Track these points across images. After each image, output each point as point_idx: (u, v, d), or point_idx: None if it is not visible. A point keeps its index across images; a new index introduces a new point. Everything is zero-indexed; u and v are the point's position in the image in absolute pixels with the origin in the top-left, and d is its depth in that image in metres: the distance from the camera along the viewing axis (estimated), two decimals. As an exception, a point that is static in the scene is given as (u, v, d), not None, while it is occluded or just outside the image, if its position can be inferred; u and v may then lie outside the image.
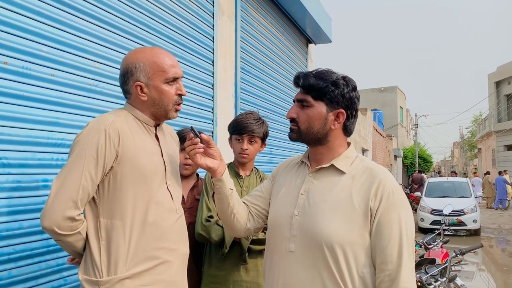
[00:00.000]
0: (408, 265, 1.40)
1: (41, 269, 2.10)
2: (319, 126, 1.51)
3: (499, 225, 14.04)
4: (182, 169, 2.39)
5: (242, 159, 2.35)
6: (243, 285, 2.28)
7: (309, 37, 6.91)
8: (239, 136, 2.32)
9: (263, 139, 2.39)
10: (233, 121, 2.39)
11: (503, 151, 28.72)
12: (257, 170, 2.50)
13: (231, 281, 2.27)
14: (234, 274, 2.28)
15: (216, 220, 2.22)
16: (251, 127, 2.30)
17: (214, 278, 2.28)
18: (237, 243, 2.27)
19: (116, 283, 1.54)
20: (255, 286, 2.29)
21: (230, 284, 2.27)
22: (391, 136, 27.12)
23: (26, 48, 2.07)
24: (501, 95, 29.86)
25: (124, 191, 1.59)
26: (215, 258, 2.29)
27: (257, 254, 2.33)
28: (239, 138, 2.33)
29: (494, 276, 7.72)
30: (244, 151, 2.31)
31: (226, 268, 2.28)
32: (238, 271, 2.28)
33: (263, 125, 2.37)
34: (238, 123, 2.33)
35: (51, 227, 1.50)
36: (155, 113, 1.70)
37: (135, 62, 1.65)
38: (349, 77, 1.56)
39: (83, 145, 1.55)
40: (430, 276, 3.62)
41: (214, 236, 2.19)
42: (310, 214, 1.48)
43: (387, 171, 1.52)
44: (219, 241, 2.21)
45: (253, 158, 2.40)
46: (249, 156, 2.34)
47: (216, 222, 2.22)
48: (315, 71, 1.55)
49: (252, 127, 2.30)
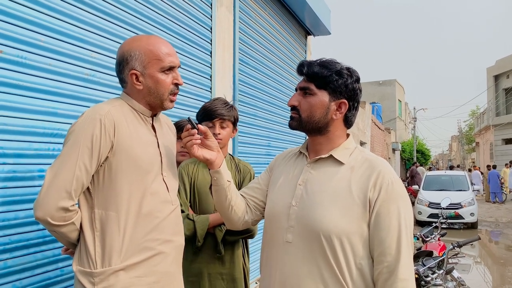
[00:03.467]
0: (407, 257, 1.39)
1: (37, 259, 2.09)
2: (321, 115, 1.50)
3: (496, 218, 14.10)
4: (179, 156, 2.36)
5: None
6: (218, 277, 2.25)
7: (308, 29, 6.87)
8: (210, 122, 2.27)
9: (234, 123, 2.35)
10: (201, 108, 2.33)
11: (501, 145, 28.76)
12: (232, 157, 2.45)
13: (206, 274, 2.25)
14: (210, 266, 2.25)
15: (186, 214, 2.19)
16: (220, 111, 2.26)
17: (190, 271, 2.24)
18: (211, 235, 2.24)
19: (110, 274, 1.53)
20: (231, 278, 2.27)
21: (206, 276, 2.25)
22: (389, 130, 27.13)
23: (22, 37, 2.04)
24: (499, 89, 29.86)
25: (119, 182, 1.57)
26: (190, 252, 2.23)
27: (232, 245, 2.30)
28: (210, 123, 2.27)
29: (491, 269, 7.76)
30: (217, 136, 2.24)
31: (202, 260, 2.25)
32: (213, 263, 2.25)
33: (232, 109, 2.33)
34: (207, 109, 2.28)
35: (44, 217, 1.48)
36: (151, 103, 1.67)
37: (130, 50, 1.63)
38: (353, 68, 1.55)
39: (77, 135, 1.53)
40: (428, 269, 3.63)
41: (185, 231, 2.08)
42: (308, 204, 1.47)
43: (386, 163, 1.52)
44: (191, 235, 2.17)
45: (226, 143, 2.34)
46: (222, 141, 2.27)
47: (187, 216, 2.18)
48: (319, 60, 1.54)
49: (222, 111, 2.26)
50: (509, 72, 28.20)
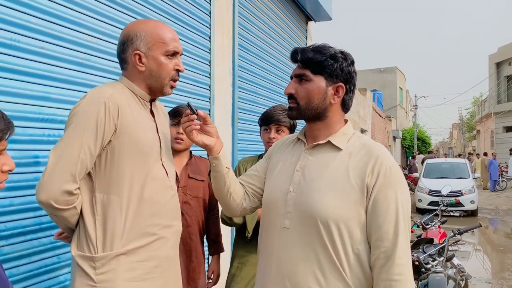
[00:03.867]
0: (404, 242, 1.39)
1: (33, 246, 2.07)
2: (319, 100, 1.49)
3: (496, 206, 14.12)
4: (174, 143, 2.33)
5: None
6: None
7: (309, 14, 6.78)
8: (267, 127, 2.42)
9: (291, 129, 2.45)
10: (262, 113, 2.50)
11: (502, 133, 28.73)
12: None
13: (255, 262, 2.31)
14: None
15: None
16: (277, 117, 2.38)
17: (242, 258, 2.40)
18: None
19: (112, 259, 1.52)
20: None
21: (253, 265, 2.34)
22: (390, 117, 27.07)
23: (14, 19, 1.99)
24: (501, 76, 29.70)
25: (122, 166, 1.56)
26: (241, 241, 2.41)
27: None
28: (267, 128, 2.43)
29: (490, 256, 7.78)
30: (271, 140, 2.36)
31: (251, 249, 2.34)
32: None
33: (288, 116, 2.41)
34: (266, 115, 2.44)
35: (48, 200, 1.46)
36: (151, 86, 1.66)
37: (136, 31, 1.62)
38: (347, 51, 1.54)
39: (81, 117, 1.50)
40: (428, 256, 3.61)
41: (236, 220, 2.32)
42: (306, 190, 1.46)
43: (384, 148, 1.51)
44: (242, 224, 2.33)
45: None
46: None
47: None
48: (311, 46, 1.53)
49: (279, 117, 2.38)
50: (511, 59, 28.02)
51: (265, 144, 2.44)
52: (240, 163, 2.50)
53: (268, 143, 2.38)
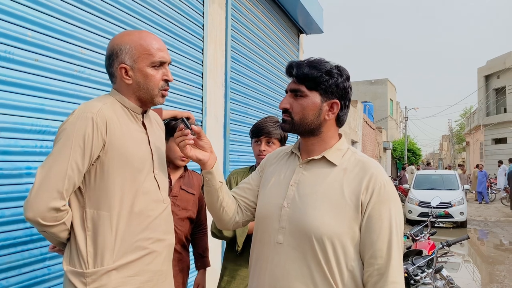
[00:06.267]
0: (397, 260, 1.39)
1: (24, 258, 2.07)
2: (313, 116, 1.48)
3: (485, 217, 14.23)
4: (179, 161, 2.38)
5: (261, 161, 2.35)
6: None
7: (301, 27, 6.87)
8: (257, 139, 2.42)
9: (282, 141, 2.45)
10: (253, 125, 2.49)
11: (491, 145, 29.02)
12: None
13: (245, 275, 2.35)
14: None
15: None
16: (268, 129, 2.38)
17: (232, 271, 2.39)
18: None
19: (103, 275, 1.51)
20: None
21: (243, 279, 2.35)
22: (381, 129, 27.26)
23: (9, 32, 2.01)
24: (490, 89, 30.10)
25: (111, 181, 1.55)
26: (232, 255, 2.40)
27: None
28: (257, 140, 2.42)
29: (479, 268, 7.83)
30: (262, 152, 2.37)
31: (242, 263, 2.35)
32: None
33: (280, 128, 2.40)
34: (256, 127, 2.43)
35: (35, 218, 1.45)
36: (141, 98, 1.65)
37: (121, 44, 1.61)
38: (342, 66, 1.53)
39: (69, 133, 1.49)
40: (417, 267, 3.65)
41: (226, 234, 2.30)
42: (300, 206, 1.46)
43: (379, 165, 1.50)
44: (232, 237, 2.32)
45: None
46: None
47: None
48: (307, 60, 1.51)
49: (269, 129, 2.38)
50: (499, 72, 28.42)
51: (256, 156, 2.44)
52: (231, 175, 2.50)
53: (259, 155, 2.38)
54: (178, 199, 2.39)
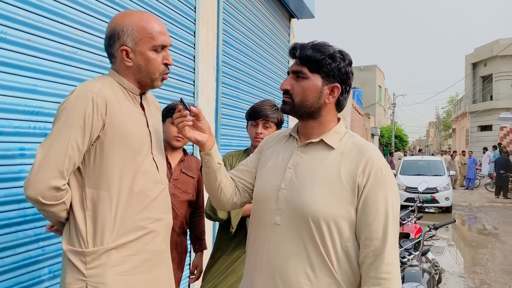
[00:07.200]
0: (393, 242, 1.41)
1: (18, 238, 2.07)
2: (314, 99, 1.49)
3: (469, 203, 14.53)
4: (174, 141, 2.40)
5: (257, 143, 2.37)
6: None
7: (292, 12, 6.84)
8: (254, 121, 2.42)
9: (278, 125, 2.46)
10: (250, 108, 2.49)
11: (477, 132, 29.44)
12: None
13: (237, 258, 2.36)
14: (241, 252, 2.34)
15: None
16: (265, 112, 2.38)
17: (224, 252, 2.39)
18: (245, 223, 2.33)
19: (102, 254, 1.52)
20: None
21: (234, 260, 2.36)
22: (369, 115, 27.44)
23: (1, 11, 1.97)
24: (477, 77, 30.41)
25: (111, 161, 1.55)
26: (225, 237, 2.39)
27: None
28: (254, 123, 2.42)
29: (463, 252, 8.02)
30: (258, 135, 2.38)
31: (234, 245, 2.36)
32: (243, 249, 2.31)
33: (277, 111, 2.44)
34: (254, 109, 2.43)
35: (35, 196, 1.46)
36: (141, 80, 1.64)
37: (122, 25, 1.59)
38: (345, 51, 1.53)
39: (69, 112, 1.49)
40: (404, 250, 3.73)
41: (220, 216, 2.29)
42: (298, 188, 1.48)
43: (376, 149, 1.52)
44: (226, 219, 2.30)
45: None
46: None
47: None
48: (311, 43, 1.51)
49: (267, 112, 2.39)
50: (486, 60, 28.67)
51: (251, 139, 2.45)
52: (225, 158, 2.51)
53: (255, 138, 2.39)
54: (179, 182, 2.42)
